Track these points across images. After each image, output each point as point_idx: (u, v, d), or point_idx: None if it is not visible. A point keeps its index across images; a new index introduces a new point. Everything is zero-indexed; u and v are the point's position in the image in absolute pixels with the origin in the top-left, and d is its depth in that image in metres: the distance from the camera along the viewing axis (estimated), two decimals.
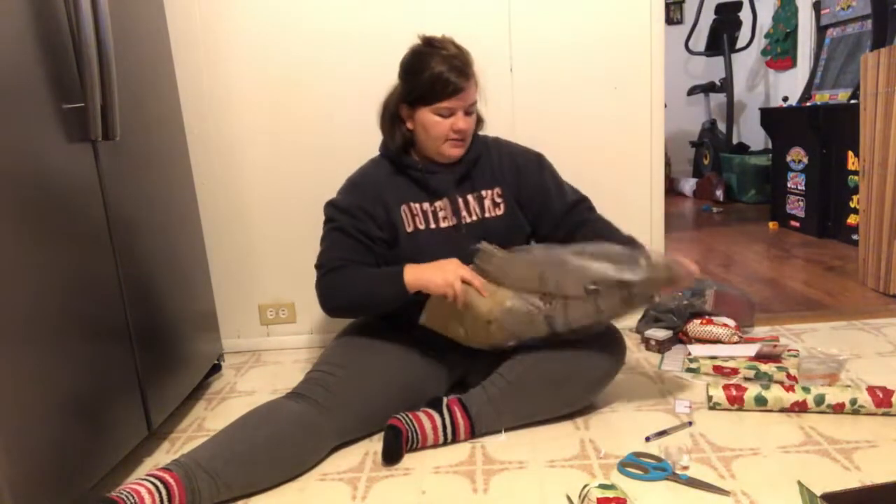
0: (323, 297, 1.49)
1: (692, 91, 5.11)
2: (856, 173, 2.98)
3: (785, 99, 3.86)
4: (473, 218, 1.53)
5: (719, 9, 4.80)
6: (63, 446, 1.12)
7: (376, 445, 1.42)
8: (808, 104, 3.58)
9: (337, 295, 1.48)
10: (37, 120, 1.13)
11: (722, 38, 4.76)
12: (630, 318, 1.95)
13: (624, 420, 1.48)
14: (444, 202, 1.52)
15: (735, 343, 1.83)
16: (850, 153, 3.08)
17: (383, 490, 1.26)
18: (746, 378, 1.64)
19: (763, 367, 1.64)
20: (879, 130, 2.25)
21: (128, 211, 1.40)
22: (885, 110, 2.21)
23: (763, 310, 2.20)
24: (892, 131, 2.19)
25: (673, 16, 5.42)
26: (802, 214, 3.48)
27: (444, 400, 1.44)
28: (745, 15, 4.72)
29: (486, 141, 1.60)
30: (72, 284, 1.18)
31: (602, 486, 1.10)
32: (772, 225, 3.71)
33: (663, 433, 1.40)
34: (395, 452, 1.35)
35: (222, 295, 2.07)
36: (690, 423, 1.44)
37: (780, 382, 1.55)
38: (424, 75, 1.41)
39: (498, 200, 1.55)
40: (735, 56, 4.84)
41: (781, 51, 4.54)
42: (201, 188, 1.99)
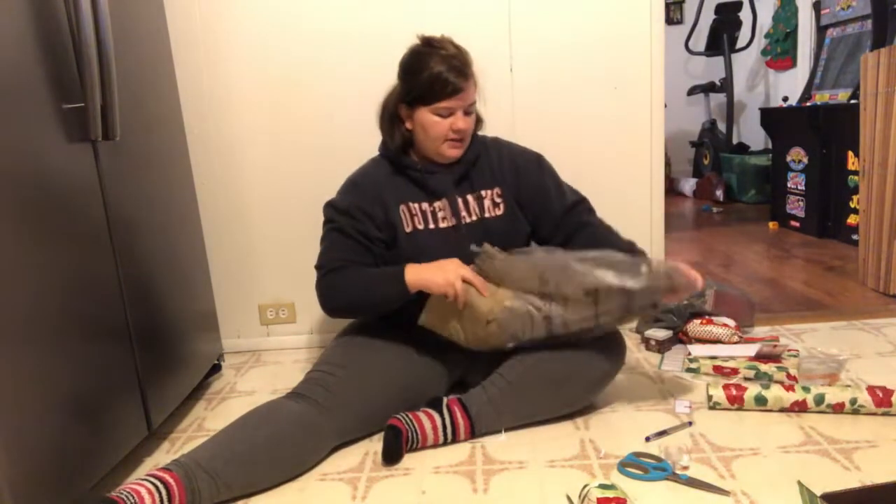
0: (323, 298, 1.49)
1: (692, 91, 5.11)
2: (856, 173, 2.98)
3: (785, 99, 3.86)
4: (473, 218, 1.53)
5: (719, 9, 4.80)
6: (63, 446, 1.12)
7: (376, 445, 1.42)
8: (808, 104, 3.58)
9: (337, 295, 1.48)
10: (37, 120, 1.13)
11: (722, 38, 4.77)
12: None
13: (624, 420, 1.48)
14: (444, 202, 1.52)
15: (735, 343, 1.83)
16: (850, 153, 3.08)
17: (383, 490, 1.26)
18: (746, 378, 1.64)
19: (763, 367, 1.64)
20: (879, 130, 2.25)
21: (128, 211, 1.40)
22: (885, 110, 2.21)
23: (763, 310, 2.20)
24: (892, 131, 2.19)
25: (673, 16, 5.42)
26: (802, 214, 3.48)
27: (444, 400, 1.44)
28: (745, 15, 4.72)
29: (486, 141, 1.60)
30: (72, 284, 1.18)
31: (602, 486, 1.10)
32: (772, 225, 3.71)
33: (663, 433, 1.40)
34: (395, 452, 1.35)
35: (222, 295, 2.07)
36: (690, 423, 1.44)
37: (780, 382, 1.55)
38: (423, 75, 1.41)
39: (498, 200, 1.55)
40: (735, 56, 4.84)
41: (781, 51, 4.54)
42: (201, 188, 1.99)
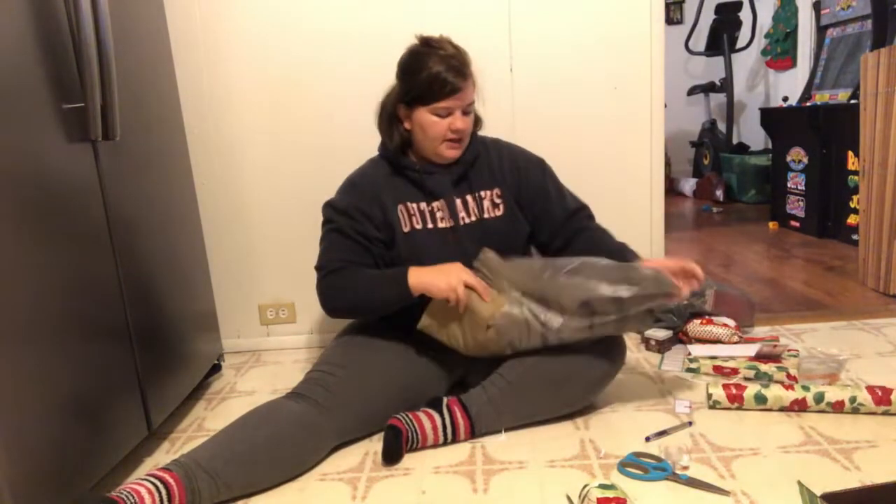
0: (324, 299, 1.49)
1: (692, 91, 5.11)
2: (856, 173, 2.98)
3: (785, 99, 3.86)
4: (472, 219, 1.53)
5: (719, 9, 4.80)
6: (63, 446, 1.12)
7: (376, 445, 1.42)
8: (808, 104, 3.58)
9: (338, 296, 1.48)
10: (37, 120, 1.13)
11: (722, 38, 4.76)
12: None
13: (624, 420, 1.48)
14: (441, 203, 1.52)
15: (735, 343, 1.83)
16: (850, 153, 3.08)
17: (383, 490, 1.26)
18: (746, 378, 1.64)
19: (763, 367, 1.64)
20: (879, 130, 2.25)
21: (128, 211, 1.40)
22: (885, 110, 2.21)
23: (763, 310, 2.20)
24: (892, 131, 2.19)
25: (673, 16, 5.42)
26: (802, 214, 3.48)
27: (444, 400, 1.44)
28: (745, 15, 4.72)
29: (485, 141, 1.60)
30: (72, 284, 1.18)
31: (602, 486, 1.10)
32: (772, 225, 3.70)
33: (663, 433, 1.40)
34: (395, 452, 1.35)
35: (222, 295, 2.07)
36: (690, 423, 1.44)
37: (780, 382, 1.55)
38: (422, 75, 1.41)
39: (497, 201, 1.55)
40: (735, 56, 4.84)
41: (781, 51, 4.54)
42: (201, 188, 1.99)
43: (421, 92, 1.42)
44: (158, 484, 1.14)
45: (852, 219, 3.07)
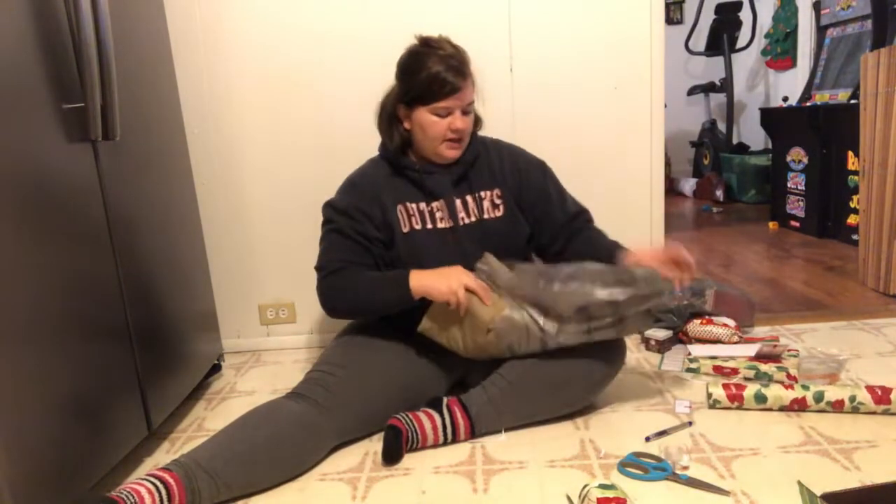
0: (324, 299, 1.49)
1: (692, 91, 5.11)
2: (856, 173, 2.98)
3: (785, 99, 3.86)
4: (472, 219, 1.53)
5: (719, 9, 4.80)
6: (63, 446, 1.12)
7: (376, 445, 1.42)
8: (808, 104, 3.58)
9: (338, 297, 1.48)
10: (37, 120, 1.13)
11: (722, 38, 4.76)
12: None
13: (624, 420, 1.48)
14: (441, 203, 1.52)
15: (735, 343, 1.83)
16: (850, 153, 3.07)
17: (383, 490, 1.26)
18: (746, 378, 1.64)
19: (763, 367, 1.64)
20: (879, 130, 2.25)
21: (128, 211, 1.40)
22: (885, 110, 2.21)
23: (763, 310, 2.20)
24: (892, 131, 2.19)
25: (673, 16, 5.42)
26: (802, 214, 3.48)
27: (444, 400, 1.44)
28: (745, 15, 4.72)
29: (486, 142, 1.60)
30: (72, 284, 1.19)
31: (602, 486, 1.10)
32: (772, 225, 3.70)
33: (663, 433, 1.40)
34: (395, 452, 1.35)
35: (222, 295, 2.07)
36: (690, 423, 1.44)
37: (780, 382, 1.55)
38: (421, 75, 1.41)
39: (497, 202, 1.55)
40: (735, 56, 4.84)
41: (781, 51, 4.54)
42: (201, 188, 1.99)
43: (420, 92, 1.42)
44: (158, 484, 1.14)
45: (852, 219, 3.07)
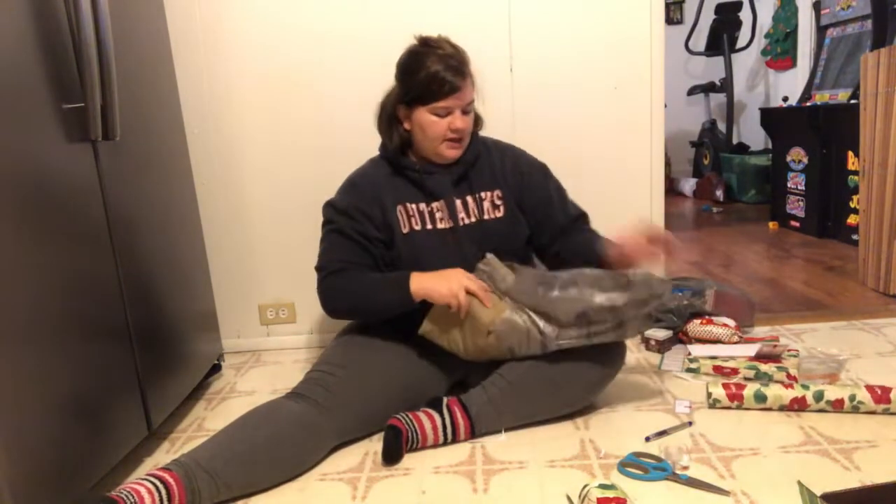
0: (324, 300, 1.49)
1: (692, 91, 5.11)
2: (856, 173, 2.98)
3: (785, 99, 3.86)
4: (472, 220, 1.53)
5: (719, 9, 4.80)
6: (63, 446, 1.12)
7: (376, 445, 1.42)
8: (808, 104, 3.58)
9: (338, 298, 1.48)
10: (37, 120, 1.13)
11: (722, 38, 4.77)
12: None
13: (624, 420, 1.48)
14: (441, 203, 1.52)
15: (735, 343, 1.83)
16: (850, 153, 3.07)
17: (383, 490, 1.26)
18: (746, 378, 1.64)
19: (763, 367, 1.64)
20: (879, 130, 2.25)
21: (128, 211, 1.40)
22: (885, 110, 2.21)
23: (763, 310, 2.20)
24: (892, 131, 2.19)
25: (673, 16, 5.42)
26: (802, 214, 3.48)
27: (444, 400, 1.43)
28: (745, 15, 4.72)
29: (486, 142, 1.60)
30: (72, 284, 1.18)
31: (602, 486, 1.10)
32: (772, 225, 3.70)
33: (663, 433, 1.40)
34: (395, 452, 1.35)
35: (222, 295, 2.07)
36: (690, 423, 1.44)
37: (780, 382, 1.55)
38: (420, 75, 1.41)
39: (498, 202, 1.55)
40: (735, 56, 4.84)
41: (781, 51, 4.54)
42: (201, 188, 1.99)
43: (420, 92, 1.42)
44: (158, 484, 1.14)
45: (852, 219, 3.07)
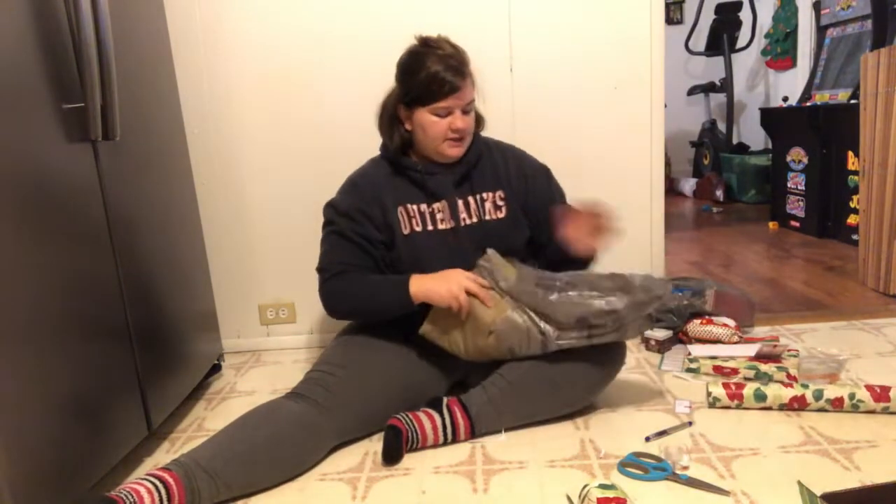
0: (326, 302, 1.50)
1: (692, 91, 5.11)
2: (856, 173, 2.98)
3: (785, 99, 3.86)
4: (473, 220, 1.53)
5: (719, 9, 4.80)
6: (63, 446, 1.12)
7: (376, 445, 1.42)
8: (808, 104, 3.58)
9: (340, 300, 1.48)
10: (37, 120, 1.13)
11: (722, 38, 4.77)
12: None
13: (624, 420, 1.48)
14: (443, 204, 1.52)
15: (735, 343, 1.83)
16: (850, 153, 3.07)
17: (383, 490, 1.26)
18: (746, 378, 1.64)
19: (763, 367, 1.64)
20: (879, 130, 2.25)
21: (128, 211, 1.40)
22: (885, 110, 2.21)
23: (763, 310, 2.20)
24: (892, 131, 2.19)
25: (673, 16, 5.42)
26: (802, 214, 3.48)
27: (444, 400, 1.43)
28: (745, 15, 4.72)
29: (488, 143, 1.60)
30: (72, 284, 1.18)
31: (602, 486, 1.10)
32: (772, 225, 3.70)
33: (663, 433, 1.40)
34: (395, 452, 1.35)
35: (222, 295, 2.07)
36: (690, 423, 1.44)
37: (780, 382, 1.55)
38: (420, 75, 1.41)
39: (500, 203, 1.55)
40: (735, 56, 4.84)
41: (781, 51, 4.54)
42: (201, 188, 1.99)
43: (420, 92, 1.42)
44: (158, 483, 1.14)
45: (852, 219, 3.07)
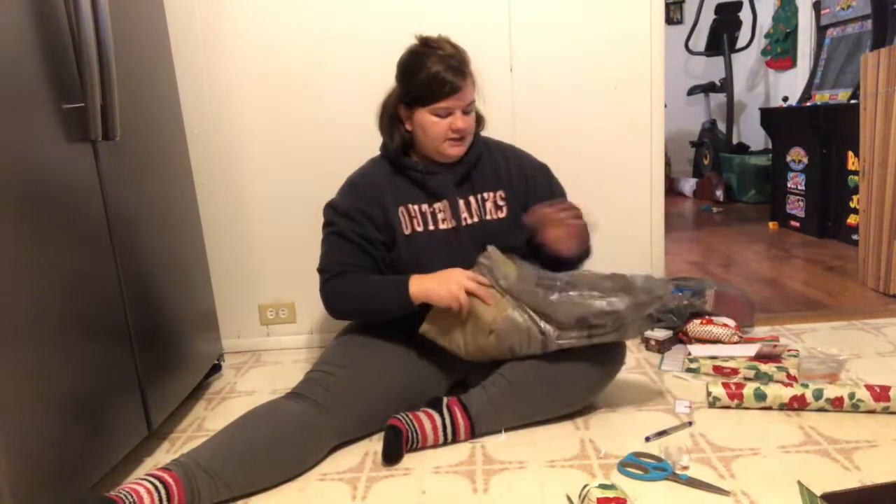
0: (327, 303, 1.50)
1: (692, 91, 5.11)
2: (856, 173, 2.98)
3: (785, 99, 3.86)
4: (474, 220, 1.53)
5: (719, 9, 4.80)
6: (63, 446, 1.12)
7: (376, 445, 1.42)
8: (808, 104, 3.58)
9: (340, 302, 1.48)
10: (37, 120, 1.13)
11: (722, 38, 4.77)
12: None
13: (624, 420, 1.48)
14: (444, 203, 1.52)
15: (735, 343, 1.83)
16: (850, 153, 3.07)
17: (383, 490, 1.26)
18: (746, 378, 1.64)
19: (763, 367, 1.64)
20: (879, 130, 2.25)
21: (128, 211, 1.40)
22: (885, 110, 2.21)
23: (763, 310, 2.20)
24: (892, 131, 2.19)
25: (673, 16, 5.42)
26: (802, 214, 3.48)
27: (444, 400, 1.43)
28: (745, 15, 4.72)
29: (488, 143, 1.60)
30: (72, 284, 1.18)
31: (602, 486, 1.10)
32: (772, 225, 3.70)
33: (663, 433, 1.40)
34: (395, 452, 1.35)
35: (222, 295, 2.06)
36: (690, 423, 1.44)
37: (780, 382, 1.55)
38: (421, 75, 1.41)
39: (500, 203, 1.55)
40: (735, 56, 4.84)
41: (781, 51, 4.54)
42: (201, 188, 1.99)
43: (420, 92, 1.42)
44: (157, 484, 1.14)
45: (852, 219, 3.07)
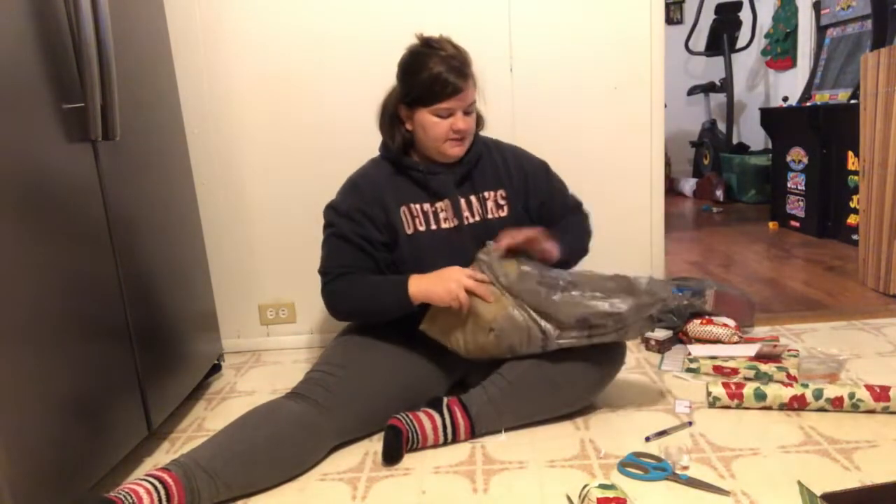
0: (327, 303, 1.50)
1: (692, 91, 5.11)
2: (856, 173, 2.98)
3: (785, 99, 3.86)
4: (476, 219, 1.53)
5: (719, 9, 4.80)
6: (63, 446, 1.12)
7: (376, 445, 1.42)
8: (808, 104, 3.58)
9: (341, 303, 1.49)
10: (37, 120, 1.13)
11: (722, 38, 4.77)
12: None
13: (624, 420, 1.48)
14: (446, 203, 1.52)
15: (735, 343, 1.83)
16: (850, 153, 3.07)
17: (383, 490, 1.26)
18: (746, 378, 1.64)
19: (763, 367, 1.64)
20: (879, 130, 2.25)
21: (128, 211, 1.40)
22: (885, 110, 2.21)
23: (763, 310, 2.20)
24: (892, 131, 2.19)
25: (673, 16, 5.42)
26: (802, 214, 3.48)
27: (445, 400, 1.43)
28: (745, 15, 4.72)
29: (487, 142, 1.60)
30: (72, 284, 1.18)
31: (602, 486, 1.10)
32: (772, 225, 3.70)
33: (663, 433, 1.40)
34: (396, 452, 1.35)
35: (222, 295, 2.06)
36: (690, 423, 1.44)
37: (780, 382, 1.55)
38: (422, 76, 1.41)
39: (502, 202, 1.55)
40: (735, 56, 4.84)
41: (781, 51, 4.54)
42: (201, 188, 1.99)
43: (421, 93, 1.42)
44: (157, 484, 1.14)
45: (852, 219, 3.07)
